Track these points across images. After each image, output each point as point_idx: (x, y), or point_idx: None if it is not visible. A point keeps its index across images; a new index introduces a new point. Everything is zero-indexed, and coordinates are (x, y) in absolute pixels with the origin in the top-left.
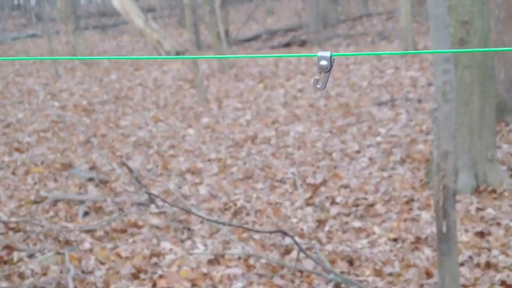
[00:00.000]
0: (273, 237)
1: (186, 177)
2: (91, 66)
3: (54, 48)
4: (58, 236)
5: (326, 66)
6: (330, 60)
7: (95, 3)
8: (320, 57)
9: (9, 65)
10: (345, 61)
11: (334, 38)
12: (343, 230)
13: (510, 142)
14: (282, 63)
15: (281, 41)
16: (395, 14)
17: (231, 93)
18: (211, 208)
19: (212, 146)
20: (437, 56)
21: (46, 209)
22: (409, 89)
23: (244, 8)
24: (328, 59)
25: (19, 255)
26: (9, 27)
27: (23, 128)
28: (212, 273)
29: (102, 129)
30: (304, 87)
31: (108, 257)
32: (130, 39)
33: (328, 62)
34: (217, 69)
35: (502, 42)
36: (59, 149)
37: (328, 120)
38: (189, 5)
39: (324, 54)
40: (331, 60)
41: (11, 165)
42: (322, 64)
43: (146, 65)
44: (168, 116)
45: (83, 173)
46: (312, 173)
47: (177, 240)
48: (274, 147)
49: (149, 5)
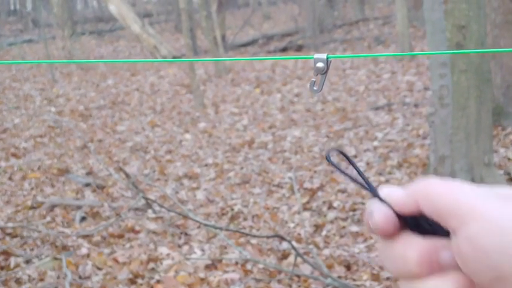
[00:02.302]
0: (270, 242)
1: (183, 182)
2: (88, 71)
3: (51, 53)
4: (55, 241)
5: (323, 68)
6: (327, 62)
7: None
8: (317, 59)
9: (5, 70)
10: (342, 66)
11: (331, 42)
12: (341, 234)
13: (507, 146)
14: (279, 68)
15: (278, 45)
16: (391, 18)
17: (228, 98)
18: (208, 213)
19: (209, 150)
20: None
21: (43, 214)
22: (405, 94)
23: (241, 13)
24: (325, 61)
25: (16, 261)
26: (6, 33)
27: (19, 133)
28: (209, 278)
29: (99, 135)
30: (301, 92)
31: (105, 262)
32: (126, 44)
33: (324, 64)
34: (214, 74)
35: (499, 46)
36: (56, 154)
37: (325, 124)
38: (186, 10)
39: (320, 56)
40: (328, 62)
41: (8, 171)
42: (318, 66)
43: (143, 70)
44: (165, 121)
45: (80, 178)
46: (309, 177)
47: (174, 245)
48: (271, 152)
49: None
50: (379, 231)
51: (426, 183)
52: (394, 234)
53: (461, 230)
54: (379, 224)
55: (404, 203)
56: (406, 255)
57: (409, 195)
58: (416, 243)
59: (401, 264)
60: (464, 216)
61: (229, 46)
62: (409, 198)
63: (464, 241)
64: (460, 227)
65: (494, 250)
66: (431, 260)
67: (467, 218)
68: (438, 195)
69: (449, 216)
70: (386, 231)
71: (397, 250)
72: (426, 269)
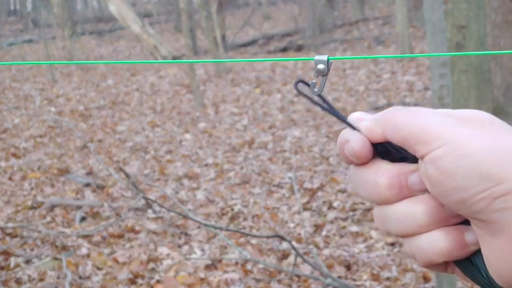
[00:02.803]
0: (270, 242)
1: (183, 182)
2: (88, 71)
3: (51, 53)
4: (55, 241)
5: (323, 70)
6: (327, 63)
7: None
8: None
9: (5, 71)
10: (342, 66)
11: (331, 42)
12: (341, 234)
13: None
14: (279, 68)
15: (278, 46)
16: (391, 18)
17: (228, 98)
18: (208, 213)
19: (209, 151)
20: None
21: (43, 214)
22: (405, 94)
23: (241, 13)
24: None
25: (16, 261)
26: (6, 33)
27: (19, 133)
28: (209, 278)
29: (99, 135)
30: None
31: (105, 262)
32: (126, 44)
33: (325, 65)
34: (214, 74)
35: (499, 46)
36: (56, 154)
37: (325, 124)
38: (186, 10)
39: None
40: (329, 63)
41: (8, 171)
42: (319, 68)
43: (143, 70)
44: (165, 121)
45: (80, 178)
46: (309, 177)
47: (174, 245)
48: (271, 152)
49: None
50: (356, 159)
51: (391, 113)
52: (367, 160)
53: (427, 154)
54: (357, 151)
55: (372, 132)
56: (376, 180)
57: (376, 124)
58: (385, 168)
59: (373, 190)
60: (430, 142)
61: (229, 46)
62: (376, 127)
63: (431, 164)
64: (426, 151)
65: (458, 172)
66: (401, 184)
67: (433, 142)
68: (404, 124)
69: (415, 143)
70: (363, 158)
71: (368, 176)
72: (396, 193)
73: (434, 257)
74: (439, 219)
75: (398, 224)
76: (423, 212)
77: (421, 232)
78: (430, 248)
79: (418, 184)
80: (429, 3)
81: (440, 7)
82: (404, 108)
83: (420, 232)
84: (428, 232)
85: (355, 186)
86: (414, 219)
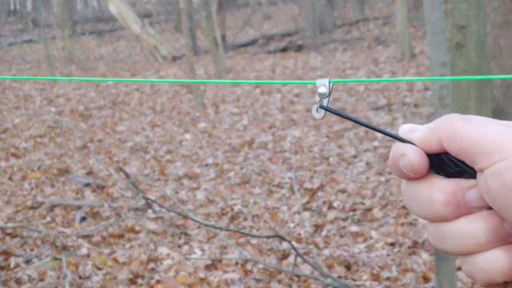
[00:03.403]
0: (270, 242)
1: (183, 182)
2: (88, 71)
3: (51, 53)
4: (55, 241)
5: (325, 93)
6: (329, 86)
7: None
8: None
9: (5, 70)
10: (342, 66)
11: (331, 42)
12: (341, 234)
13: None
14: (279, 68)
15: (278, 46)
16: (391, 18)
17: (228, 98)
18: (208, 213)
19: (209, 151)
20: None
21: (43, 214)
22: (405, 94)
23: (241, 13)
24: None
25: (16, 261)
26: (6, 33)
27: (19, 133)
28: (209, 278)
29: (99, 135)
30: (301, 92)
31: (105, 262)
32: (126, 44)
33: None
34: (214, 74)
35: (498, 46)
36: (56, 154)
37: (325, 124)
38: (186, 10)
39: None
40: (330, 86)
41: (8, 171)
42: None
43: (143, 70)
44: (165, 121)
45: (80, 179)
46: (309, 177)
47: (174, 245)
48: (271, 152)
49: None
50: (413, 173)
51: (449, 121)
52: (424, 175)
53: (489, 167)
54: (415, 164)
55: (427, 142)
56: (432, 197)
57: (431, 133)
58: (441, 184)
59: (428, 207)
60: (491, 153)
61: (229, 46)
62: (432, 137)
63: (493, 177)
64: (488, 164)
65: None
66: (458, 201)
67: (495, 154)
68: (464, 134)
69: (476, 154)
70: (421, 172)
71: (423, 192)
72: (453, 210)
73: (494, 277)
74: (498, 237)
75: (456, 243)
76: (482, 230)
77: (480, 251)
78: (489, 268)
79: (476, 201)
80: (429, 3)
81: (440, 7)
82: (463, 116)
83: (479, 251)
84: (488, 251)
85: (408, 202)
86: (472, 238)
